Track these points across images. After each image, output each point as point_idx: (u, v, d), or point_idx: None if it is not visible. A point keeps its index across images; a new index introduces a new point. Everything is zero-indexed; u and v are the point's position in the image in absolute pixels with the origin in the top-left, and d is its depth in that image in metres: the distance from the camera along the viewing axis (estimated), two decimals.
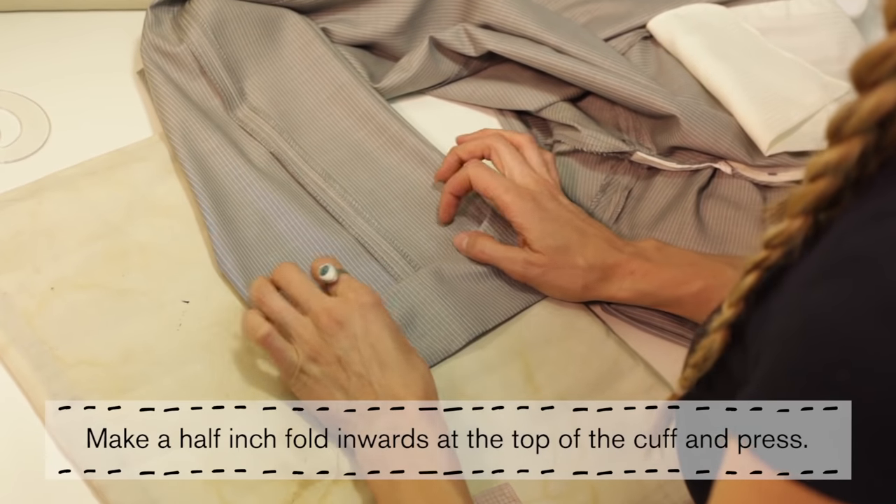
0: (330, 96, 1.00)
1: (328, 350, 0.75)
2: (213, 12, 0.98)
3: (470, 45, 1.03)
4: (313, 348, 0.75)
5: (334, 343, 0.75)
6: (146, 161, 0.93)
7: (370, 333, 0.75)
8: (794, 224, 0.48)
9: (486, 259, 0.88)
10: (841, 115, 0.44)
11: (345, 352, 0.75)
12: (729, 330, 0.54)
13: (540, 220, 0.85)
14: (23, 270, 0.83)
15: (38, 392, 0.76)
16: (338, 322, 0.75)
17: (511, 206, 0.85)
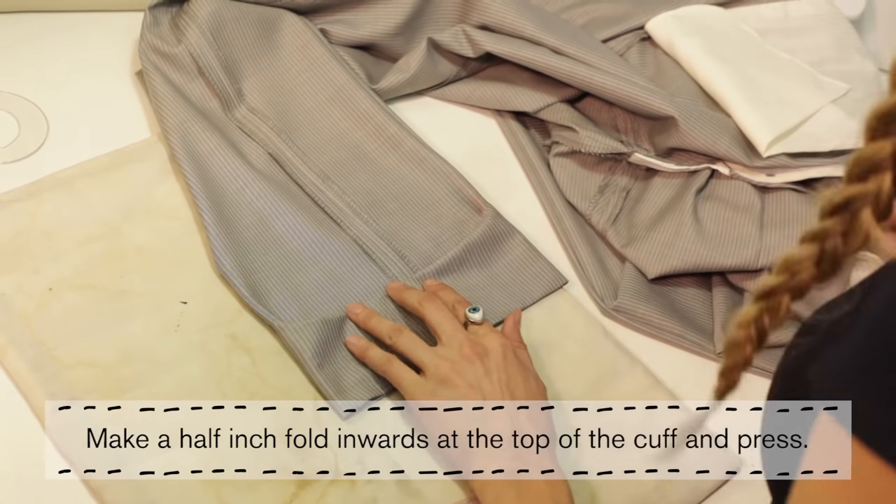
0: (328, 97, 1.00)
1: (461, 376, 0.77)
2: (212, 13, 0.98)
3: (468, 46, 1.03)
4: (447, 372, 0.77)
5: (469, 370, 0.77)
6: (144, 162, 0.93)
7: (509, 366, 0.78)
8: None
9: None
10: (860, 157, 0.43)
11: (477, 380, 0.76)
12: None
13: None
14: (21, 271, 0.83)
15: (37, 393, 0.76)
16: (478, 354, 0.78)
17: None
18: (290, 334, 0.81)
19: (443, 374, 0.77)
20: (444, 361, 0.78)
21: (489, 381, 0.76)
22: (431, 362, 0.78)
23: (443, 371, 0.77)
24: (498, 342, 0.79)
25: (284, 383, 0.80)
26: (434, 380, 0.77)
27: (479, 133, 1.04)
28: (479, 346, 0.78)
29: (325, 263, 0.88)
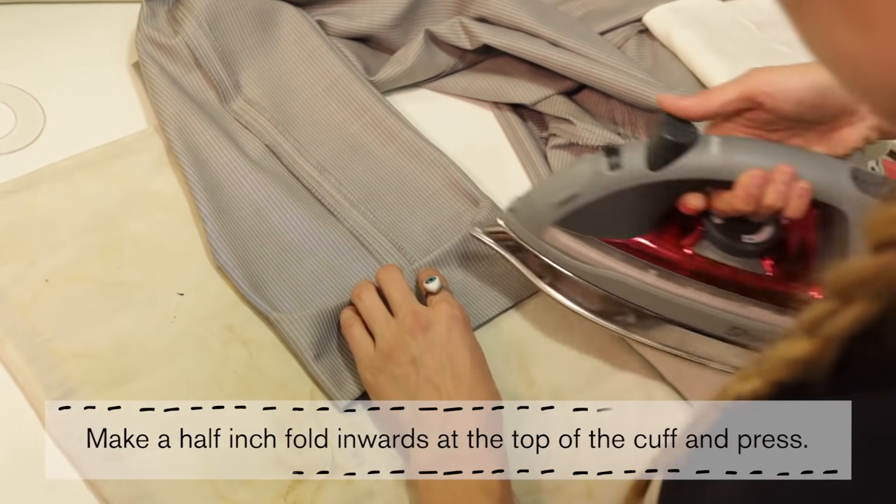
0: (325, 89, 1.00)
1: (404, 351, 0.75)
2: (209, 4, 0.98)
3: (465, 38, 1.03)
4: (390, 346, 0.76)
5: (412, 344, 0.75)
6: (141, 153, 0.93)
7: (450, 343, 0.75)
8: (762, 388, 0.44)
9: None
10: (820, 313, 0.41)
11: (420, 355, 0.75)
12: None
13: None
14: (17, 262, 0.83)
15: (33, 384, 0.76)
16: (422, 326, 0.76)
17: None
18: (286, 326, 0.81)
19: (386, 348, 0.76)
20: (390, 334, 0.76)
21: (431, 355, 0.74)
22: (380, 333, 0.77)
23: (386, 345, 0.76)
24: (445, 313, 0.77)
25: (282, 375, 0.80)
26: (380, 353, 0.76)
27: (476, 125, 1.04)
28: (423, 318, 0.77)
29: (322, 255, 0.88)
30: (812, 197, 0.72)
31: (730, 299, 0.78)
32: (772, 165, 0.72)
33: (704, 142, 0.74)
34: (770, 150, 0.74)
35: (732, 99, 0.76)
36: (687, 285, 0.79)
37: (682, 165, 0.74)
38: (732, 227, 0.78)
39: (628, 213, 0.78)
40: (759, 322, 0.78)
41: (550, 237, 0.80)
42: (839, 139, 0.77)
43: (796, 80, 0.75)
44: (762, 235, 0.78)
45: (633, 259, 0.79)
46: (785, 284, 0.78)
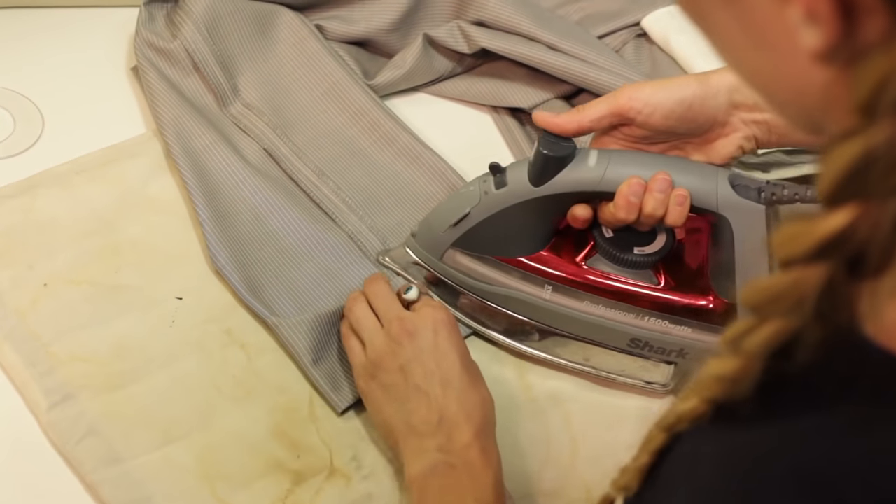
0: (323, 93, 1.00)
1: (393, 359, 0.75)
2: (207, 9, 0.98)
3: (464, 42, 1.03)
4: (379, 355, 0.75)
5: (400, 352, 0.75)
6: (139, 157, 0.93)
7: (438, 349, 0.75)
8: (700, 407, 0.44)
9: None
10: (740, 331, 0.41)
11: (408, 362, 0.74)
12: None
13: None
14: (16, 267, 0.83)
15: (32, 388, 0.76)
16: (408, 332, 0.75)
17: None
18: (285, 331, 0.81)
19: (375, 357, 0.76)
20: (378, 343, 0.76)
21: (418, 362, 0.74)
22: (369, 342, 0.77)
23: (375, 354, 0.76)
24: (429, 318, 0.76)
25: (280, 379, 0.80)
26: (370, 362, 0.76)
27: (474, 129, 1.04)
28: (409, 323, 0.76)
29: (321, 259, 0.88)
30: (691, 203, 0.73)
31: (626, 312, 0.80)
32: (650, 175, 0.74)
33: (583, 156, 0.76)
34: (647, 160, 0.76)
35: (603, 115, 0.77)
36: (583, 300, 0.80)
37: (563, 179, 0.75)
38: (623, 240, 0.79)
39: (520, 230, 0.80)
40: (657, 333, 0.80)
41: (450, 259, 0.83)
42: (715, 150, 0.79)
43: (663, 95, 0.76)
44: (653, 247, 0.79)
45: (529, 276, 0.81)
46: (677, 294, 0.79)
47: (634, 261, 0.79)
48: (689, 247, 0.81)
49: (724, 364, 0.42)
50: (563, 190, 0.76)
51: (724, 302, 0.78)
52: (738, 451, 0.42)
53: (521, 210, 0.78)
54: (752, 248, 0.74)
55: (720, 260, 0.77)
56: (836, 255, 0.36)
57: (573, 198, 0.77)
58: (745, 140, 0.78)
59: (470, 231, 0.80)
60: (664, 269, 0.80)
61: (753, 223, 0.73)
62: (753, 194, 0.73)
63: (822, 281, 0.37)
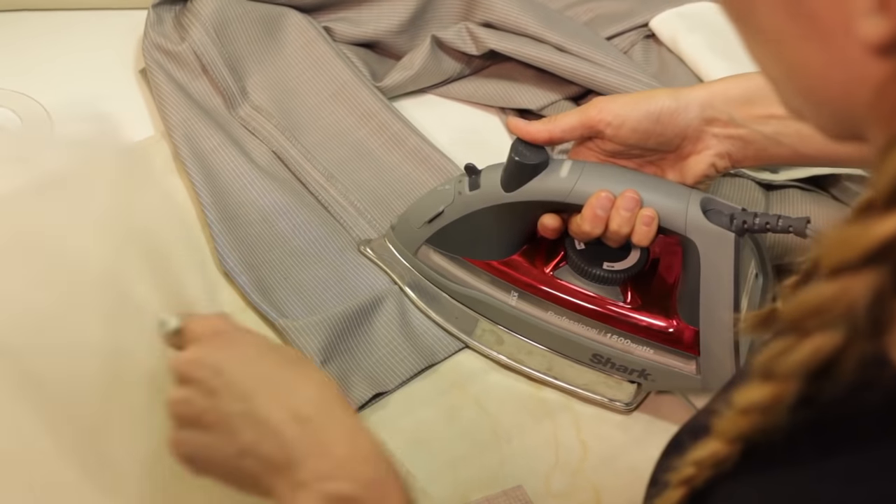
0: (332, 95, 1.00)
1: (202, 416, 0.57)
2: (215, 11, 0.98)
3: (472, 43, 1.03)
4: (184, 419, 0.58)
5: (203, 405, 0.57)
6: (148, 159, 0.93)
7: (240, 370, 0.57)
8: (724, 449, 0.43)
9: None
10: (774, 353, 0.39)
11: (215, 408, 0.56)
12: None
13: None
14: None
15: None
16: (186, 380, 0.58)
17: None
18: (294, 333, 0.81)
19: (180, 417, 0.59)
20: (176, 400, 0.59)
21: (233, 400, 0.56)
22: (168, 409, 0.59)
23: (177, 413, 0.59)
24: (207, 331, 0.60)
25: None
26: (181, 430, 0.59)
27: (482, 130, 1.04)
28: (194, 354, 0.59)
29: (329, 261, 0.88)
30: (659, 224, 0.73)
31: (589, 326, 0.79)
32: (620, 190, 0.73)
33: (556, 165, 0.75)
34: (620, 176, 0.75)
35: (574, 126, 0.77)
36: (548, 309, 0.80)
37: (534, 187, 0.75)
38: (594, 254, 0.79)
39: (490, 233, 0.80)
40: (619, 351, 0.79)
41: (424, 255, 0.84)
42: (688, 167, 0.78)
43: (632, 108, 0.76)
44: (623, 263, 0.79)
45: (497, 280, 0.81)
46: (642, 314, 0.78)
47: (602, 276, 0.78)
48: (662, 267, 0.81)
49: (754, 392, 0.40)
50: (534, 198, 0.76)
51: (688, 327, 0.76)
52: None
53: (493, 214, 0.78)
54: (719, 274, 0.72)
55: (687, 284, 0.76)
56: (887, 261, 0.35)
57: (543, 206, 0.77)
58: (717, 157, 0.77)
59: (443, 230, 0.81)
60: (632, 287, 0.79)
61: (722, 249, 0.72)
62: (725, 220, 0.72)
63: (873, 289, 0.35)
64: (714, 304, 0.74)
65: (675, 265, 0.79)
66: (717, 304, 0.74)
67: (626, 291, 0.79)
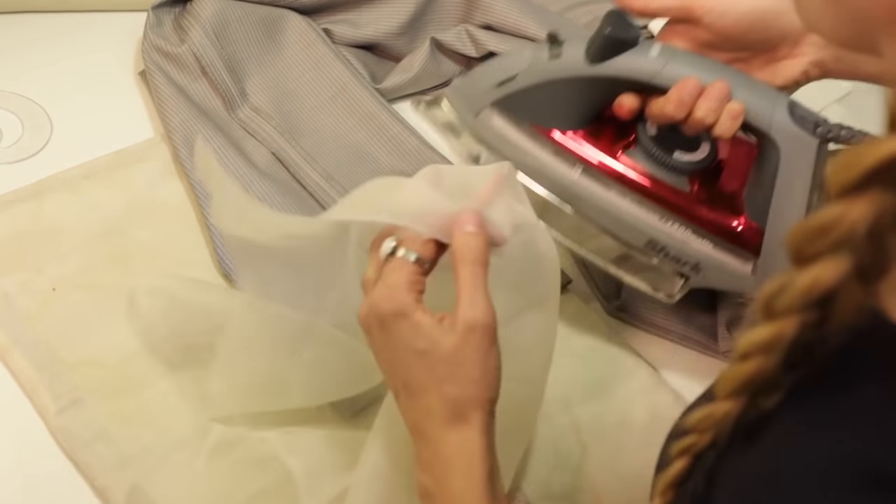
0: (331, 97, 1.00)
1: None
2: (215, 13, 0.98)
3: (471, 45, 1.03)
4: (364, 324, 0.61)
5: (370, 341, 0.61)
6: (147, 162, 0.93)
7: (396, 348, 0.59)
8: (723, 407, 0.43)
9: None
10: (773, 290, 0.39)
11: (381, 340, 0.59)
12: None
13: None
14: (24, 271, 0.83)
15: (40, 393, 0.76)
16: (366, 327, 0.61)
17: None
18: None
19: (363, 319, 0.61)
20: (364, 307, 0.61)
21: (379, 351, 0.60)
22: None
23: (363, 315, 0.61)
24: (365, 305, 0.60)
25: None
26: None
27: None
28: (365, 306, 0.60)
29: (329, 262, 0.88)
30: (744, 119, 0.72)
31: (651, 211, 0.78)
32: (709, 80, 0.72)
33: (646, 45, 0.74)
34: (710, 66, 0.74)
35: (672, 6, 0.76)
36: (611, 188, 0.78)
37: (620, 63, 0.74)
38: (666, 141, 0.77)
39: (563, 104, 0.78)
40: (677, 241, 0.78)
41: (485, 118, 0.80)
42: (780, 70, 0.77)
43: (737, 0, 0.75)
44: (695, 155, 0.78)
45: (563, 152, 0.78)
46: (708, 208, 0.77)
47: (673, 164, 0.77)
48: (730, 164, 0.79)
49: (755, 333, 0.40)
50: (618, 74, 0.74)
51: (754, 227, 0.76)
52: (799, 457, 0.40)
53: (570, 86, 0.76)
54: (796, 179, 0.72)
55: (760, 184, 0.74)
56: (891, 182, 0.34)
57: (625, 85, 0.75)
58: (811, 65, 0.75)
59: (513, 95, 0.78)
60: (700, 179, 0.78)
61: (803, 154, 0.71)
62: (809, 126, 0.71)
63: (875, 213, 0.35)
64: (786, 208, 0.73)
65: (742, 167, 0.78)
66: (790, 207, 0.73)
67: (693, 183, 0.78)
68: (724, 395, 0.43)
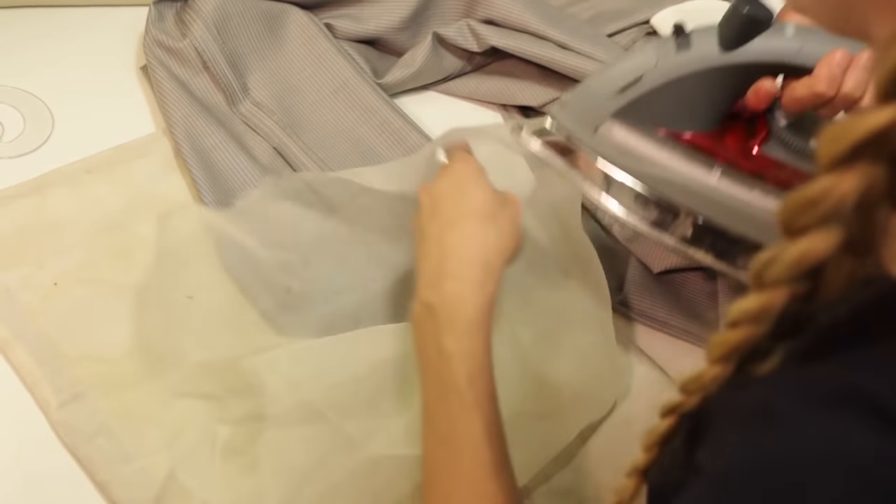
0: (333, 92, 1.00)
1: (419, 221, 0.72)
2: (217, 8, 0.98)
3: (473, 40, 1.03)
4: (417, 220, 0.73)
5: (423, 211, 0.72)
6: (149, 157, 0.93)
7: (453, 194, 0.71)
8: (711, 371, 0.43)
9: None
10: (763, 261, 0.39)
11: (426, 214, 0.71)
12: (643, 476, 0.50)
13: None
14: (26, 266, 0.83)
15: (42, 387, 0.76)
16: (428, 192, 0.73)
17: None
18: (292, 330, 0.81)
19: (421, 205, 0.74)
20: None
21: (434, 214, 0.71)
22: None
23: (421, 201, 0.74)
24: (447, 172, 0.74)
25: None
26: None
27: None
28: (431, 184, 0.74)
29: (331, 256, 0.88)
30: None
31: None
32: (855, 51, 0.67)
33: (779, 26, 0.68)
34: (847, 43, 0.68)
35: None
36: (753, 188, 0.71)
37: (757, 46, 0.68)
38: (800, 130, 0.72)
39: (695, 102, 0.72)
40: None
41: (606, 132, 0.73)
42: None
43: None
44: None
45: (698, 156, 0.72)
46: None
47: (813, 152, 0.73)
48: None
49: (745, 302, 0.40)
50: (757, 58, 0.68)
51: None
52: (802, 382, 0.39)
53: (703, 79, 0.70)
54: None
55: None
56: (880, 155, 0.34)
57: (763, 69, 0.69)
58: None
59: (638, 100, 0.71)
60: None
61: None
62: None
63: (865, 185, 0.35)
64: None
65: None
66: None
67: None
68: (712, 359, 0.43)
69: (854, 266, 0.37)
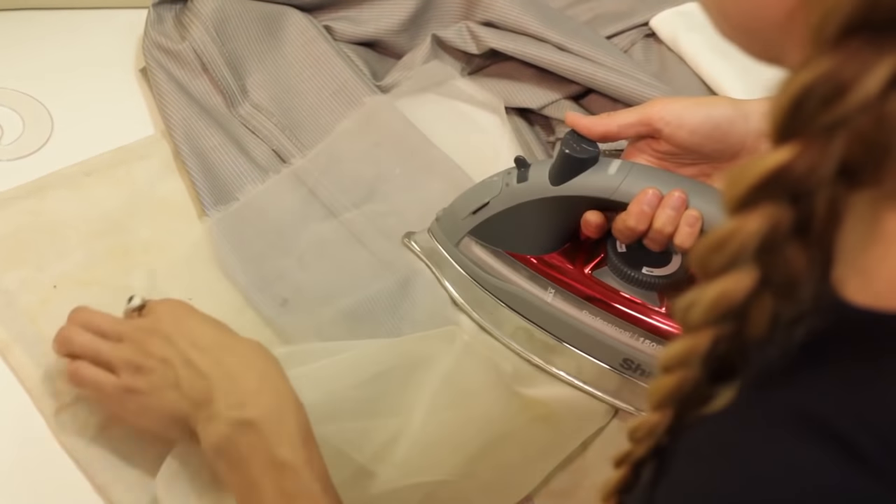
0: (332, 94, 1.00)
1: (148, 359, 0.70)
2: (216, 10, 0.98)
3: (472, 42, 1.03)
4: (133, 362, 0.70)
5: (152, 349, 0.70)
6: (148, 159, 0.93)
7: (182, 327, 0.71)
8: (653, 418, 0.44)
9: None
10: (685, 304, 0.39)
11: (162, 351, 0.69)
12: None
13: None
14: (25, 268, 0.83)
15: (41, 389, 0.76)
16: (149, 331, 0.71)
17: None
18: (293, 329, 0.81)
19: (129, 367, 0.70)
20: (125, 354, 0.70)
21: (173, 345, 0.69)
22: (116, 360, 0.71)
23: (128, 364, 0.70)
24: (165, 307, 0.73)
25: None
26: (128, 374, 0.70)
27: (482, 130, 1.04)
28: (147, 322, 0.72)
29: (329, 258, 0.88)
30: (702, 227, 0.72)
31: (623, 329, 0.78)
32: (667, 190, 0.73)
33: (605, 163, 0.75)
34: (668, 178, 0.75)
35: (632, 122, 0.77)
36: (583, 309, 0.80)
37: (581, 182, 0.75)
38: (635, 257, 0.78)
39: (534, 228, 0.80)
40: (650, 357, 0.78)
41: (465, 247, 0.84)
42: None
43: (692, 111, 0.76)
44: (663, 270, 0.78)
45: (536, 276, 0.81)
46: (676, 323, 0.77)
47: (641, 280, 0.78)
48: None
49: (671, 346, 0.40)
50: (580, 193, 0.76)
51: None
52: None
53: (538, 208, 0.78)
54: None
55: None
56: (779, 195, 0.34)
57: (589, 203, 0.77)
58: None
59: (487, 221, 0.81)
60: (671, 294, 0.78)
61: None
62: None
63: (768, 226, 0.35)
64: None
65: None
66: None
67: (664, 299, 0.78)
68: (652, 406, 0.43)
69: (778, 303, 0.37)
